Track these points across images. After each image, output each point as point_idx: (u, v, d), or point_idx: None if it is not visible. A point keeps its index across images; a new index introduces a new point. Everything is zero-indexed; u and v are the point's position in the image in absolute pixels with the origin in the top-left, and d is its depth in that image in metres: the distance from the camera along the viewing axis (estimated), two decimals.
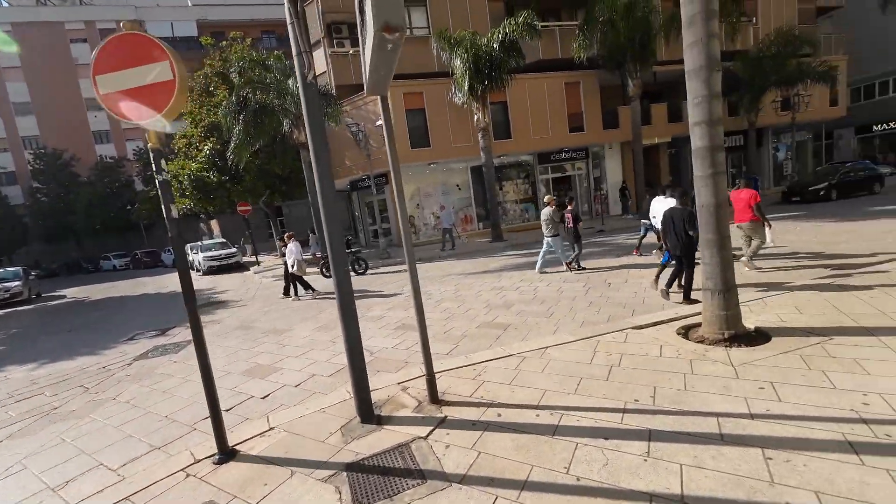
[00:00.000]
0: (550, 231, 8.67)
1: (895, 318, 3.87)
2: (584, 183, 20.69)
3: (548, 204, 8.87)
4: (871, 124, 26.60)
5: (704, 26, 3.43)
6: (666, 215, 5.56)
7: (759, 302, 4.84)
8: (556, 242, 8.77)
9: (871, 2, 20.66)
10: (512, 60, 13.89)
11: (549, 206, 8.74)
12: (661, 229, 5.88)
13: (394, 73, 2.74)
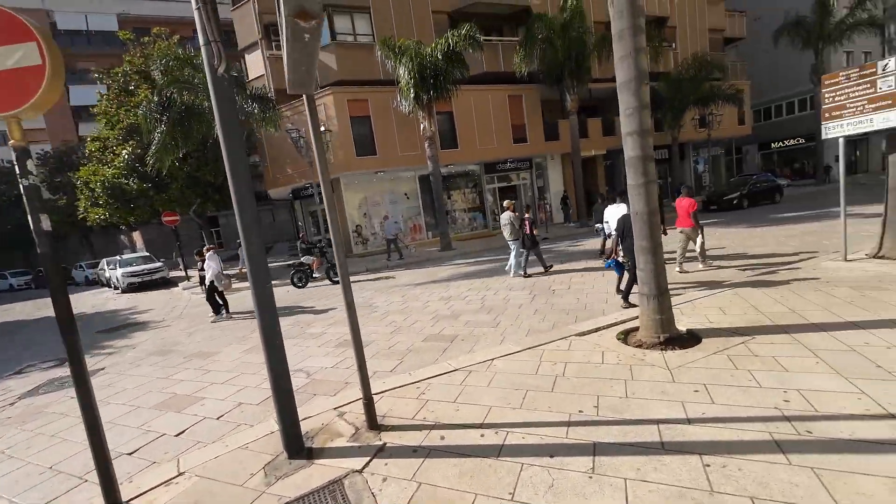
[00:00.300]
0: (512, 236, 8.71)
1: (803, 316, 4.23)
2: (528, 192, 21.37)
3: (507, 209, 8.91)
4: (770, 141, 30.28)
5: (632, 41, 3.56)
6: (620, 221, 5.69)
7: (689, 304, 5.11)
8: (516, 247, 8.84)
9: (767, 37, 23.59)
10: (456, 71, 14.05)
11: (509, 211, 8.80)
12: (616, 234, 5.97)
13: (319, 71, 2.50)
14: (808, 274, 5.86)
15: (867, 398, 2.61)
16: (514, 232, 8.69)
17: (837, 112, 6.02)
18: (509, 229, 8.70)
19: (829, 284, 5.20)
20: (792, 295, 4.97)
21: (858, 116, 5.79)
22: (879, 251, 6.17)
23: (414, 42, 13.85)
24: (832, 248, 7.21)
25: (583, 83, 17.15)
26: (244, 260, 15.59)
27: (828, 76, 6.11)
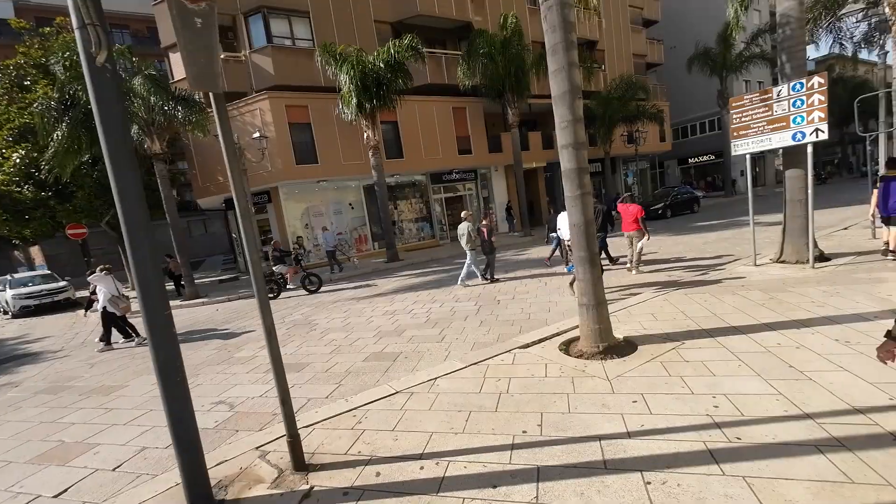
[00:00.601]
0: (469, 245, 8.81)
1: (724, 319, 4.52)
2: (474, 202, 21.68)
3: (465, 219, 9.00)
4: (687, 157, 33.55)
5: (565, 55, 3.62)
6: None
7: (625, 311, 5.30)
8: (473, 256, 8.93)
9: (682, 64, 26.20)
10: (399, 81, 13.93)
11: (467, 221, 8.89)
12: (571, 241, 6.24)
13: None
14: (725, 278, 6.37)
15: (784, 399, 2.77)
16: (472, 241, 8.79)
17: (743, 131, 6.68)
18: (466, 238, 8.80)
19: (744, 288, 5.67)
20: (713, 299, 5.33)
21: (760, 136, 6.46)
22: (781, 256, 6.89)
23: (355, 49, 13.54)
24: (744, 254, 7.96)
25: (522, 98, 17.80)
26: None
27: (734, 99, 6.78)
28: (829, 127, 5.78)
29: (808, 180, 6.22)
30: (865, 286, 5.04)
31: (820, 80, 5.76)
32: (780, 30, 6.41)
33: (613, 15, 25.82)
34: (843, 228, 9.65)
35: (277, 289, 10.97)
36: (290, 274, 11.43)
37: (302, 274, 11.37)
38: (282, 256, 11.67)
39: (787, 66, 6.40)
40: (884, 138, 8.74)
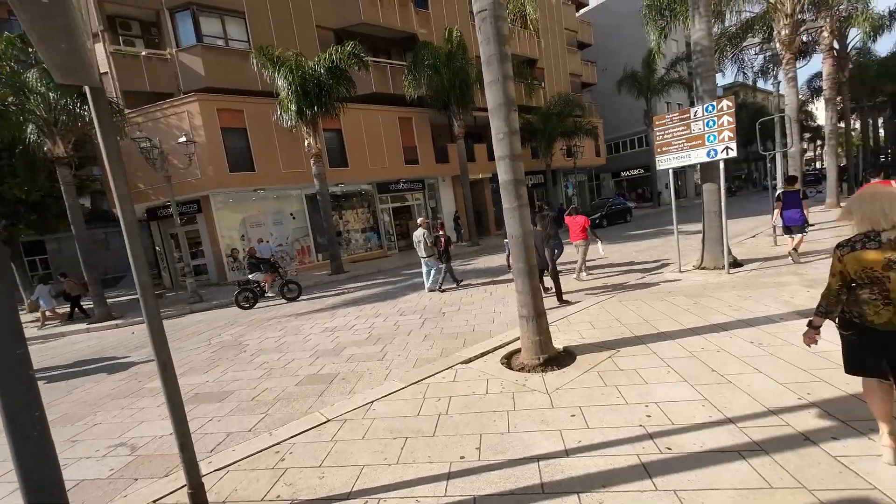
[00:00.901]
0: (426, 252, 8.90)
1: (654, 326, 4.73)
2: (422, 212, 21.59)
3: (421, 226, 9.08)
4: (620, 170, 36.11)
5: (500, 67, 3.62)
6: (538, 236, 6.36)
7: (564, 321, 5.39)
8: (433, 263, 9.07)
9: (613, 85, 28.29)
10: (342, 88, 13.56)
11: (422, 228, 8.97)
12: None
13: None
14: (656, 283, 6.75)
15: (709, 404, 2.87)
16: (428, 249, 8.89)
17: (666, 148, 7.19)
18: (422, 246, 8.87)
19: (671, 294, 6.02)
20: (645, 306, 5.59)
21: (680, 152, 6.99)
22: (702, 263, 7.46)
23: (294, 54, 12.99)
24: (671, 261, 8.54)
25: (468, 110, 18.12)
26: (44, 298, 12.39)
27: (657, 118, 7.30)
28: (737, 146, 6.38)
29: (721, 194, 6.81)
30: (772, 290, 5.55)
31: (728, 104, 6.36)
32: (694, 57, 7.04)
33: (551, 36, 27.33)
34: (751, 237, 10.74)
35: (253, 297, 10.34)
36: (267, 281, 10.72)
37: (280, 281, 10.89)
38: (258, 263, 10.89)
39: (700, 90, 7.02)
40: (780, 157, 9.92)
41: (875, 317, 1.94)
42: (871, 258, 1.92)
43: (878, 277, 1.91)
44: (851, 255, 1.98)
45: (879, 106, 28.33)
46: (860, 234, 2.01)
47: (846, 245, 2.03)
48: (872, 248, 1.93)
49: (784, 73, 11.53)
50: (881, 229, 1.93)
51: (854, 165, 22.54)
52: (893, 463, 2.04)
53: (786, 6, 10.76)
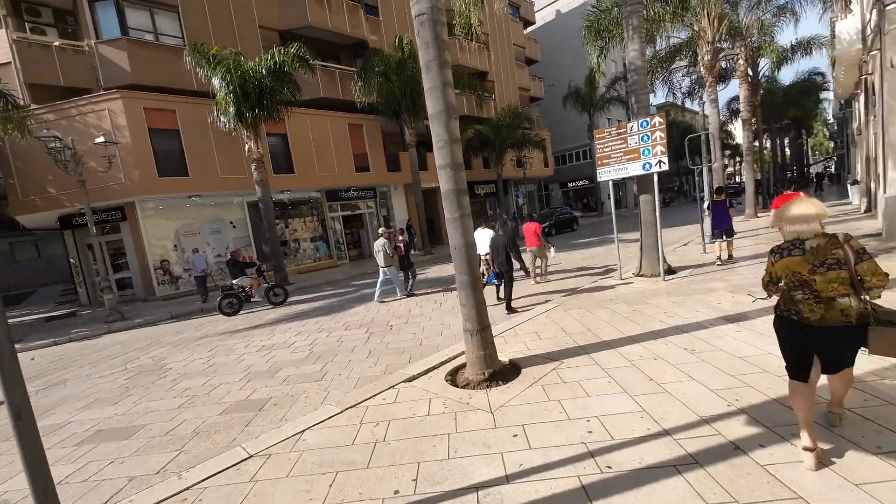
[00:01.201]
0: (386, 261, 8.85)
1: (597, 334, 4.80)
2: (373, 221, 21.13)
3: (381, 235, 9.02)
4: (567, 181, 37.78)
5: (440, 73, 3.51)
6: (493, 242, 6.87)
7: (511, 332, 5.34)
8: (392, 272, 8.98)
9: (559, 100, 29.65)
10: (286, 91, 12.96)
11: (383, 237, 8.91)
12: (490, 254, 7.01)
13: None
14: (599, 288, 6.94)
15: (647, 416, 2.87)
16: (388, 258, 8.82)
17: (606, 160, 7.49)
18: (382, 255, 8.82)
19: (613, 302, 6.20)
20: (588, 314, 5.69)
21: (619, 165, 7.30)
22: (640, 271, 7.81)
23: (233, 53, 12.22)
24: (614, 267, 8.87)
25: (419, 119, 18.03)
26: None
27: (598, 131, 7.59)
28: (668, 160, 6.76)
29: (655, 204, 7.18)
30: (702, 296, 5.87)
31: (659, 120, 6.74)
32: (629, 75, 7.42)
33: (500, 50, 28.17)
34: (683, 244, 11.51)
35: (238, 303, 9.98)
36: (253, 286, 10.45)
37: (266, 286, 10.66)
38: (242, 268, 10.53)
39: (635, 107, 7.40)
40: (706, 171, 10.76)
41: (810, 314, 2.12)
42: (798, 264, 2.14)
43: (806, 280, 2.12)
44: (781, 262, 2.21)
45: (785, 128, 32.05)
46: (788, 242, 2.22)
47: (777, 252, 2.26)
48: (798, 256, 2.14)
49: (707, 95, 12.61)
50: (805, 238, 2.15)
51: (767, 180, 25.20)
52: (814, 468, 2.10)
53: (707, 34, 11.81)
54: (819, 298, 2.09)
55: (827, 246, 2.09)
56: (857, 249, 2.06)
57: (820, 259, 2.08)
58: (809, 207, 2.14)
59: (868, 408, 2.60)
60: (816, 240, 2.12)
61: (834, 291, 2.06)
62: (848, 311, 2.04)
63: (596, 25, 11.46)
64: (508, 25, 29.25)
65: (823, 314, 2.08)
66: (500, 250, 6.64)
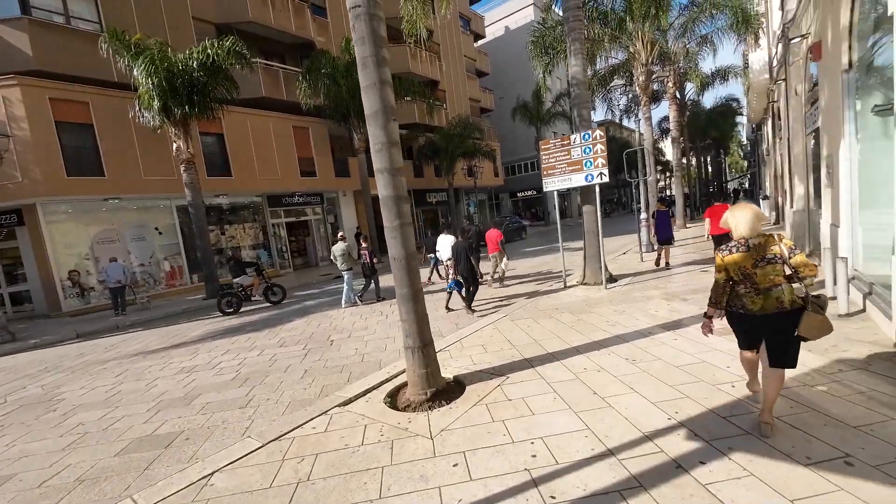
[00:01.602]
0: (345, 266, 8.95)
1: (542, 346, 4.72)
2: (321, 228, 20.23)
3: (339, 240, 9.19)
4: (517, 191, 38.88)
5: (377, 71, 3.26)
6: (454, 248, 7.02)
7: (457, 345, 5.13)
8: (348, 277, 9.02)
9: (508, 113, 30.52)
10: (220, 88, 12.03)
11: (341, 242, 9.07)
12: (453, 259, 7.07)
13: None
14: (544, 301, 6.96)
15: (591, 434, 2.76)
16: (348, 261, 8.94)
17: (551, 171, 7.61)
18: (341, 259, 8.93)
19: (558, 311, 6.22)
20: (534, 324, 5.64)
21: (563, 175, 7.44)
22: (584, 279, 7.99)
23: (158, 42, 11.13)
24: (560, 276, 9.03)
25: None
26: None
27: (543, 143, 7.71)
28: (609, 173, 6.99)
29: (597, 215, 7.39)
30: (641, 304, 6.06)
31: (600, 133, 6.97)
32: (572, 89, 7.64)
33: (452, 61, 28.51)
34: (622, 253, 12.07)
35: (238, 302, 9.94)
36: (255, 285, 10.49)
37: (264, 285, 10.63)
38: (243, 267, 10.68)
39: (577, 120, 7.62)
40: (642, 184, 11.42)
41: (752, 305, 2.49)
42: (743, 259, 2.50)
43: (749, 273, 2.48)
44: (730, 257, 2.55)
45: (707, 147, 35.36)
46: (735, 241, 2.58)
47: (725, 249, 2.60)
48: (743, 252, 2.51)
49: (642, 113, 13.49)
50: (749, 237, 2.51)
51: (694, 193, 27.57)
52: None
53: (641, 56, 12.65)
54: (758, 290, 2.45)
55: (766, 244, 2.47)
56: (789, 247, 2.44)
57: (760, 255, 2.45)
58: (753, 214, 2.53)
59: (795, 415, 2.68)
60: (758, 239, 2.49)
61: (770, 282, 2.43)
62: (781, 298, 2.41)
63: (541, 42, 11.83)
64: (459, 37, 29.74)
65: (763, 304, 2.44)
66: (461, 256, 6.78)
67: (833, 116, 5.73)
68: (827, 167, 6.12)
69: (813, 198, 8.37)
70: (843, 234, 5.45)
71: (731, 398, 3.01)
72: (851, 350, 3.59)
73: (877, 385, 2.93)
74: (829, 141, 6.03)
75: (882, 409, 2.64)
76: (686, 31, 14.21)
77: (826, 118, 6.16)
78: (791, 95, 8.79)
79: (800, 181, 8.80)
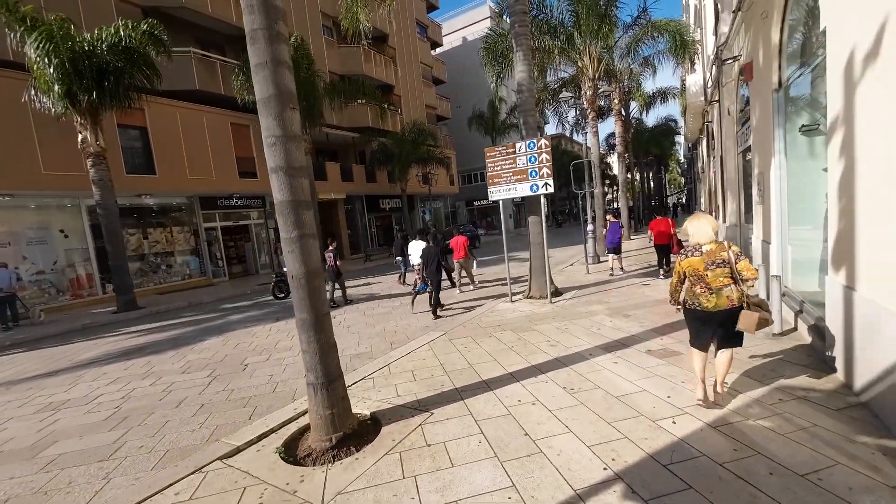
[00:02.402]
0: None
1: (477, 371, 4.26)
2: (263, 233, 18.83)
3: None
4: (473, 200, 39.00)
5: (269, 47, 2.66)
6: (424, 252, 7.30)
7: (385, 370, 4.55)
8: None
9: (465, 122, 30.54)
10: (139, 75, 10.71)
11: None
12: (422, 263, 7.34)
13: None
14: (487, 318, 6.56)
15: (516, 493, 2.30)
16: None
17: (497, 179, 7.29)
18: None
19: (500, 329, 5.82)
20: (472, 345, 5.19)
21: (509, 184, 7.14)
22: (529, 292, 7.71)
23: (59, 18, 9.68)
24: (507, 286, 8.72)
25: (315, 125, 16.66)
26: None
27: (489, 150, 7.39)
28: (561, 185, 6.76)
29: (543, 226, 7.15)
30: (584, 320, 5.81)
31: (545, 142, 6.74)
32: (518, 96, 7.40)
33: (408, 66, 28.12)
34: (570, 265, 12.07)
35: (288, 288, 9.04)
36: None
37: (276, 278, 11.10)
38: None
39: (524, 129, 7.37)
40: (589, 195, 11.52)
41: (707, 303, 2.86)
42: (696, 262, 2.89)
43: (702, 275, 2.86)
44: (686, 261, 2.95)
45: (650, 163, 37.50)
46: (691, 246, 2.98)
47: (683, 254, 3.02)
48: (698, 256, 2.90)
49: (590, 127, 13.74)
50: (703, 244, 2.91)
51: (637, 206, 28.96)
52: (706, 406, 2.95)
53: (589, 71, 12.88)
54: (711, 290, 2.83)
55: (716, 250, 2.85)
56: (736, 253, 2.82)
57: (712, 259, 2.83)
58: (707, 223, 2.91)
59: (739, 461, 2.37)
60: (710, 245, 2.89)
61: (720, 283, 2.81)
62: (731, 296, 2.81)
63: (493, 49, 11.67)
64: (416, 43, 29.45)
65: (716, 302, 2.83)
66: (431, 260, 7.00)
67: (763, 135, 5.85)
68: (758, 184, 6.25)
69: (744, 213, 8.71)
70: (773, 250, 5.52)
71: (672, 438, 2.68)
72: (788, 373, 3.43)
73: (818, 419, 2.72)
74: (760, 159, 6.17)
75: (826, 449, 2.40)
76: (630, 51, 14.77)
77: (757, 137, 6.32)
78: (724, 115, 9.18)
79: (732, 197, 9.16)
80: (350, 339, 6.32)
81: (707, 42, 14.37)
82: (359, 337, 6.47)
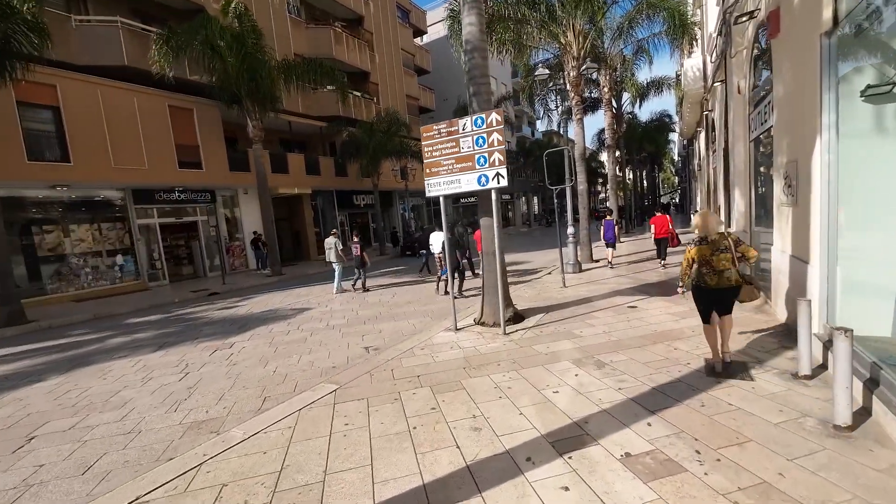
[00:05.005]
0: (335, 258, 10.08)
1: (326, 491, 2.46)
2: (210, 231, 16.82)
3: (332, 234, 10.29)
4: (458, 197, 37.14)
5: None
6: (441, 243, 8.17)
7: (178, 483, 2.72)
8: (338, 268, 10.15)
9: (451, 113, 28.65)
10: (24, 42, 8.73)
11: (333, 237, 10.21)
12: (444, 251, 7.81)
13: None
14: (415, 356, 4.75)
15: None
16: (337, 255, 10.04)
17: (436, 168, 5.46)
18: (334, 252, 10.08)
19: (417, 382, 4.01)
20: (360, 417, 3.36)
21: (450, 176, 5.33)
22: (481, 317, 5.91)
23: None
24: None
25: (265, 109, 14.70)
26: None
27: (425, 128, 5.55)
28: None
29: (496, 231, 5.34)
30: (540, 370, 4.02)
31: (497, 117, 4.93)
32: (465, 56, 5.56)
33: (387, 53, 26.15)
34: (548, 272, 10.33)
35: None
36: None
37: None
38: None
39: (474, 101, 5.55)
40: (569, 191, 9.79)
41: (710, 281, 3.64)
42: (705, 249, 3.64)
43: (708, 260, 3.62)
44: (696, 248, 3.68)
45: (644, 160, 35.88)
46: (699, 237, 3.70)
47: (695, 243, 3.71)
48: (705, 245, 3.64)
49: (574, 115, 12.00)
50: (708, 234, 3.66)
51: (629, 206, 27.31)
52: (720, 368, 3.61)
53: (573, 49, 11.11)
54: (715, 271, 3.60)
55: (720, 239, 3.62)
56: (735, 240, 3.63)
57: (717, 247, 3.60)
58: (713, 218, 3.73)
59: None
60: (715, 235, 3.64)
61: (723, 266, 3.58)
62: (731, 277, 3.59)
63: (458, 16, 9.82)
64: (397, 28, 27.47)
65: (717, 281, 3.60)
66: (447, 249, 6.98)
67: (797, 108, 4.09)
68: (785, 178, 4.51)
69: (755, 218, 6.99)
70: (814, 274, 3.78)
71: None
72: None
73: None
74: (790, 143, 4.41)
75: None
76: (622, 32, 13.06)
77: (785, 112, 4.56)
78: (732, 95, 7.44)
79: (741, 196, 7.43)
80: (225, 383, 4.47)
81: (707, 19, 12.65)
82: (234, 381, 4.63)
